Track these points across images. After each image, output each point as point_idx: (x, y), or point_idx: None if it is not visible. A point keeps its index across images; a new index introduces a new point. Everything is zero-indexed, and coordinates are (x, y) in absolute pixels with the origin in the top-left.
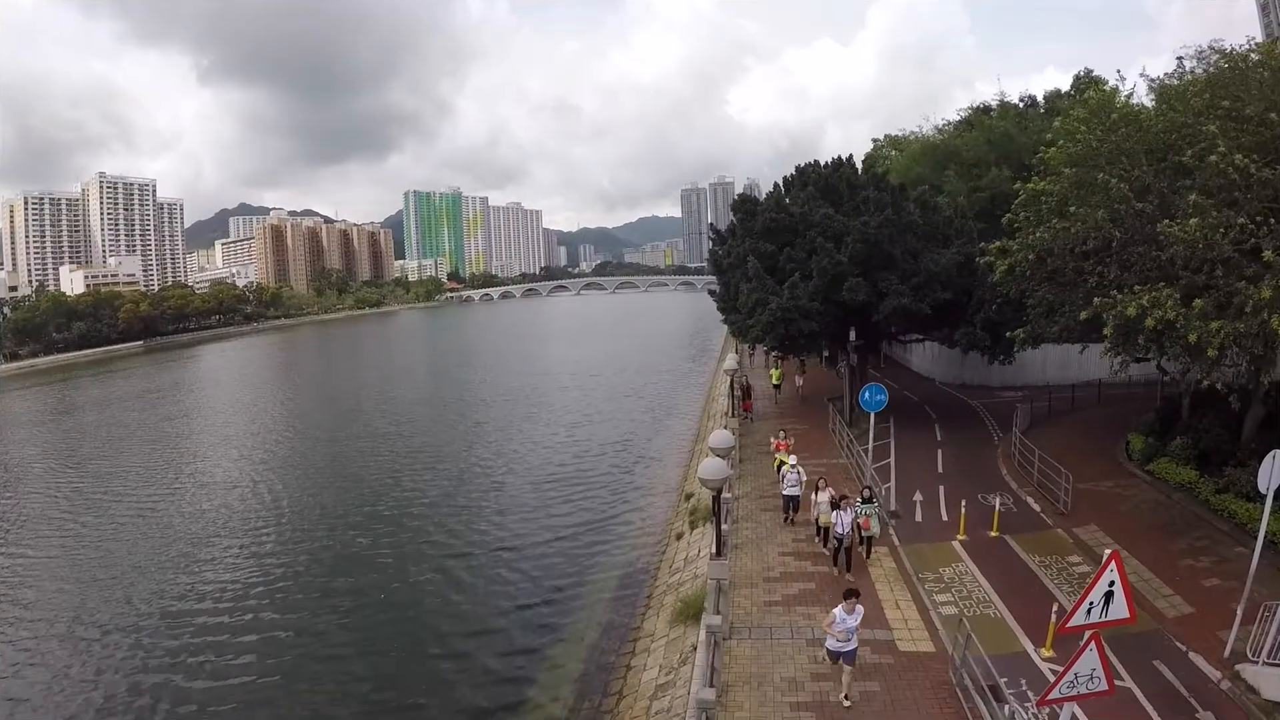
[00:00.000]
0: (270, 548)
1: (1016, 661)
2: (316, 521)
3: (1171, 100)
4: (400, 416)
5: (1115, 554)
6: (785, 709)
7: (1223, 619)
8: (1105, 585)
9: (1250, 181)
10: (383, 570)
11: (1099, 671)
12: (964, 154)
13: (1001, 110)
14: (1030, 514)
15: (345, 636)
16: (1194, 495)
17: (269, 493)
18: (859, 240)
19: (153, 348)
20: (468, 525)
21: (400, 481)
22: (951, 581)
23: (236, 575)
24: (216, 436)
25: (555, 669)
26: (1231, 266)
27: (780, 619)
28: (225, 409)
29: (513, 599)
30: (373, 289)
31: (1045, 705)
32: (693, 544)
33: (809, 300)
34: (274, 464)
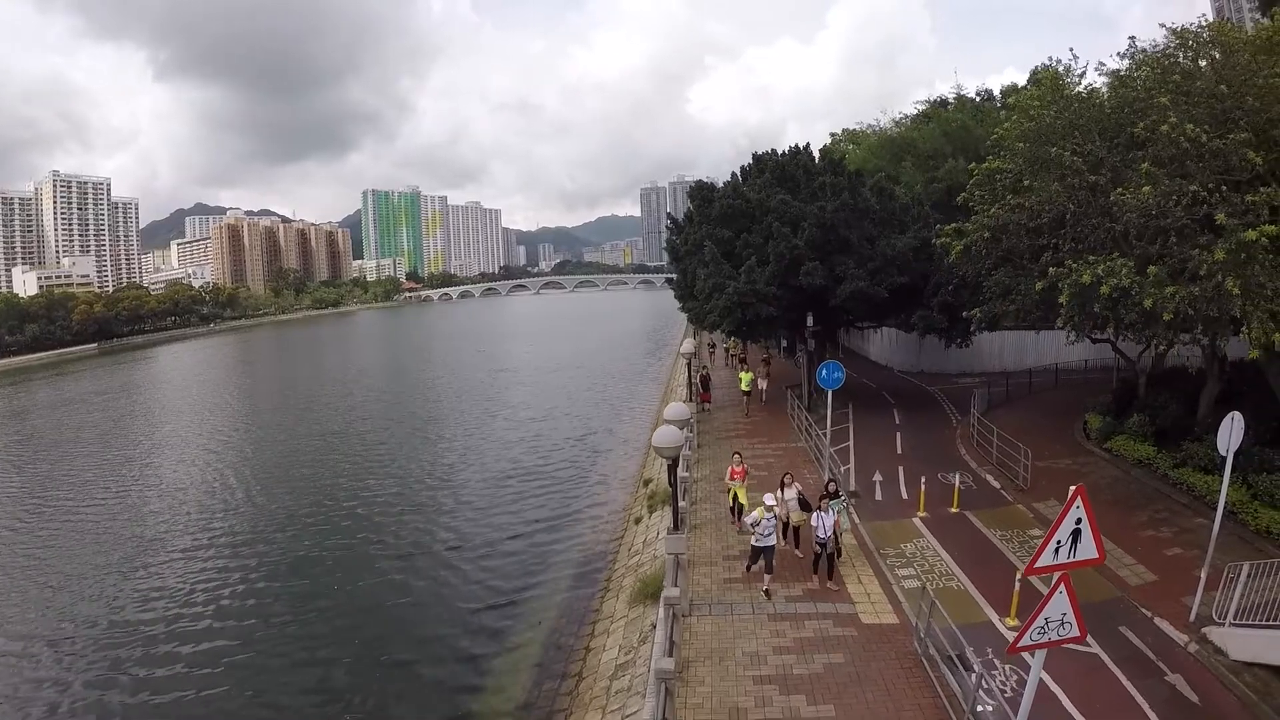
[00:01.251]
0: (220, 550)
1: (981, 631)
2: (270, 522)
3: (1123, 77)
4: (357, 416)
5: (1080, 488)
6: (748, 682)
7: (1186, 586)
8: (1072, 523)
9: (1202, 151)
10: (340, 566)
11: (1070, 616)
12: (921, 146)
13: (958, 104)
14: (990, 491)
15: (300, 630)
16: (1152, 470)
17: (219, 495)
18: (815, 225)
19: (107, 350)
20: (426, 521)
21: (357, 480)
22: (913, 556)
23: (184, 580)
24: (167, 439)
25: (514, 655)
26: (1185, 236)
27: (741, 595)
28: (177, 411)
29: (471, 590)
30: (330, 289)
31: (1015, 653)
32: (651, 527)
33: (766, 285)
34: (225, 466)
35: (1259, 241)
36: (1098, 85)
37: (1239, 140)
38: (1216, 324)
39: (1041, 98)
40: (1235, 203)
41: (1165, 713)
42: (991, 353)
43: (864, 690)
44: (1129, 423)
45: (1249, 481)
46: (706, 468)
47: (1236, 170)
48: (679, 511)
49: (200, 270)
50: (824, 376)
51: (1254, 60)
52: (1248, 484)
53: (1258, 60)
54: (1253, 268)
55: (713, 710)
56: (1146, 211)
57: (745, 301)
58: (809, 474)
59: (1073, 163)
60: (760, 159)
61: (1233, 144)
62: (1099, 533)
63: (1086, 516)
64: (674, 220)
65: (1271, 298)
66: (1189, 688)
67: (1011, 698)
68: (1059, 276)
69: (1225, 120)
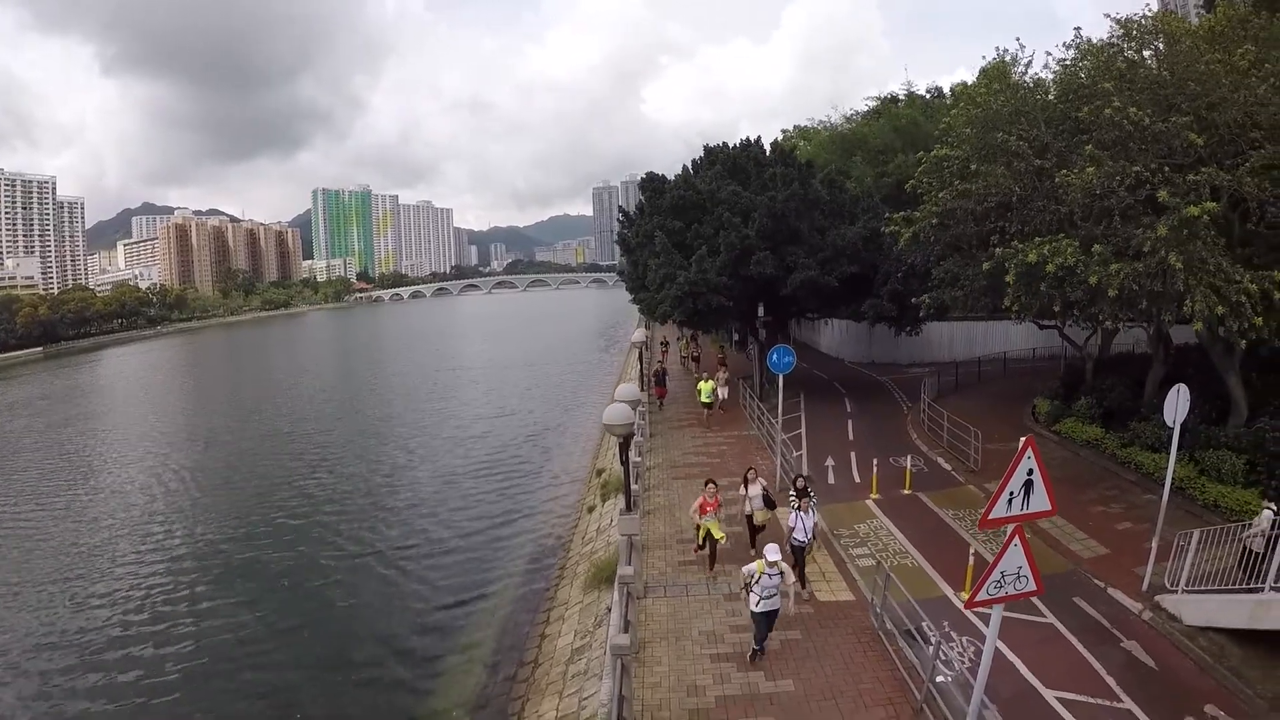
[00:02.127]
0: (164, 557)
1: (937, 605)
2: (217, 527)
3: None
4: (307, 418)
5: (1030, 439)
6: (705, 660)
7: (1137, 558)
8: (1024, 474)
9: (1144, 134)
10: (290, 570)
11: (1025, 570)
12: (871, 141)
13: (909, 100)
14: (941, 472)
15: (251, 635)
16: (1101, 450)
17: (163, 501)
18: (766, 215)
19: (52, 353)
20: (377, 521)
21: (307, 483)
22: (867, 536)
23: (126, 588)
24: (110, 443)
25: (470, 647)
26: (1129, 216)
27: (696, 576)
28: (122, 415)
29: (424, 588)
30: (280, 290)
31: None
32: (605, 515)
33: (717, 275)
34: (170, 471)
35: (1201, 218)
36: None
37: (1180, 123)
38: (1160, 299)
39: (989, 86)
40: (1177, 183)
41: (1123, 678)
42: (941, 343)
43: (822, 665)
44: (1077, 405)
45: (1195, 458)
46: (659, 456)
47: (1178, 154)
48: (632, 493)
49: (147, 271)
50: (774, 361)
51: (1195, 48)
52: (1194, 461)
53: (1199, 48)
54: (1195, 243)
55: (671, 688)
56: (1091, 192)
57: (696, 291)
58: (762, 460)
59: (1019, 148)
60: (711, 151)
61: (1174, 126)
62: (1051, 484)
63: (1038, 467)
64: (625, 213)
65: (1214, 272)
66: (1145, 653)
67: (969, 668)
68: (1005, 257)
69: (1168, 105)
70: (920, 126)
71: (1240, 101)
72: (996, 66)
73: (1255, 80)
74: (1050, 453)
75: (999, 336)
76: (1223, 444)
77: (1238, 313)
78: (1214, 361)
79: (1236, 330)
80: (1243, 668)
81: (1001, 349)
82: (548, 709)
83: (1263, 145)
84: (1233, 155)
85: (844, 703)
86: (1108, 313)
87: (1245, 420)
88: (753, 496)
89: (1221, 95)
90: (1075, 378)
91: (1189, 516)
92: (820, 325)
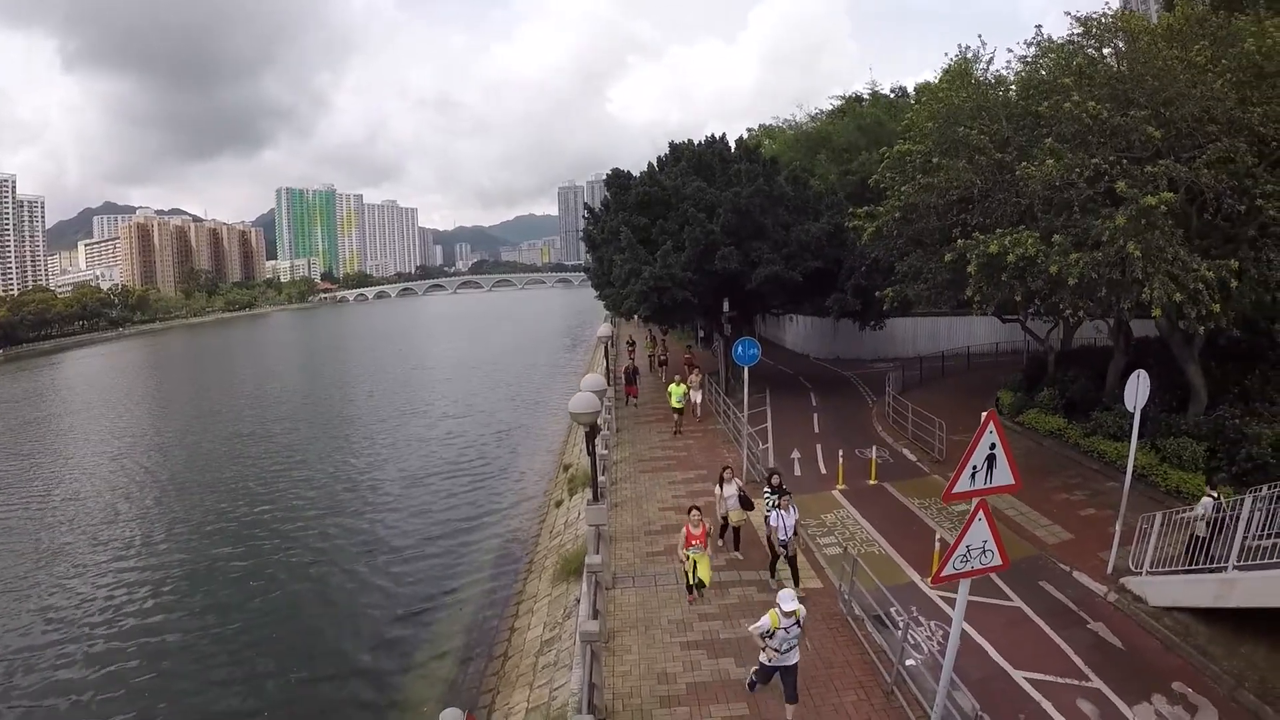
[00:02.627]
0: (125, 563)
1: (905, 591)
2: (179, 531)
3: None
4: (271, 419)
5: (992, 413)
6: (676, 648)
7: (1101, 542)
8: (986, 448)
9: (1103, 127)
10: (256, 572)
11: (991, 544)
12: (836, 140)
13: (873, 99)
14: (906, 463)
15: (216, 638)
16: (1064, 440)
17: (124, 505)
18: (731, 210)
19: (13, 356)
20: (343, 522)
21: (271, 485)
22: (834, 526)
23: (84, 595)
24: (70, 447)
25: (439, 642)
26: (1088, 208)
27: (664, 566)
28: (83, 418)
29: (394, 585)
30: (244, 290)
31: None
32: (572, 509)
33: (682, 270)
34: (130, 475)
35: (1158, 208)
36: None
37: (1139, 117)
38: (1119, 287)
39: (951, 82)
40: (1135, 175)
41: (1090, 658)
42: (905, 338)
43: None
44: (1040, 397)
45: (1157, 446)
46: (626, 450)
47: (1137, 147)
48: (599, 484)
49: (109, 272)
50: (739, 353)
51: (1153, 45)
52: (1156, 448)
53: (1157, 45)
54: (1152, 233)
55: (641, 676)
56: (1051, 185)
57: (661, 286)
58: (728, 454)
59: (980, 142)
60: (677, 148)
61: (1133, 120)
62: (1014, 459)
63: (1000, 441)
64: (591, 210)
65: (1171, 261)
66: (1111, 634)
67: (938, 649)
68: (966, 248)
69: (1126, 101)
70: (884, 125)
71: (1197, 97)
72: (959, 65)
73: (1211, 76)
74: (1014, 443)
75: (962, 331)
76: (1183, 432)
77: (1196, 300)
78: (1174, 352)
79: (1195, 317)
80: (1208, 645)
81: (965, 344)
82: (518, 700)
83: (1219, 139)
84: (1190, 149)
85: (815, 687)
86: (1068, 302)
87: (1205, 408)
88: (728, 496)
89: (1179, 90)
90: (1038, 370)
91: (1151, 503)
92: (786, 322)
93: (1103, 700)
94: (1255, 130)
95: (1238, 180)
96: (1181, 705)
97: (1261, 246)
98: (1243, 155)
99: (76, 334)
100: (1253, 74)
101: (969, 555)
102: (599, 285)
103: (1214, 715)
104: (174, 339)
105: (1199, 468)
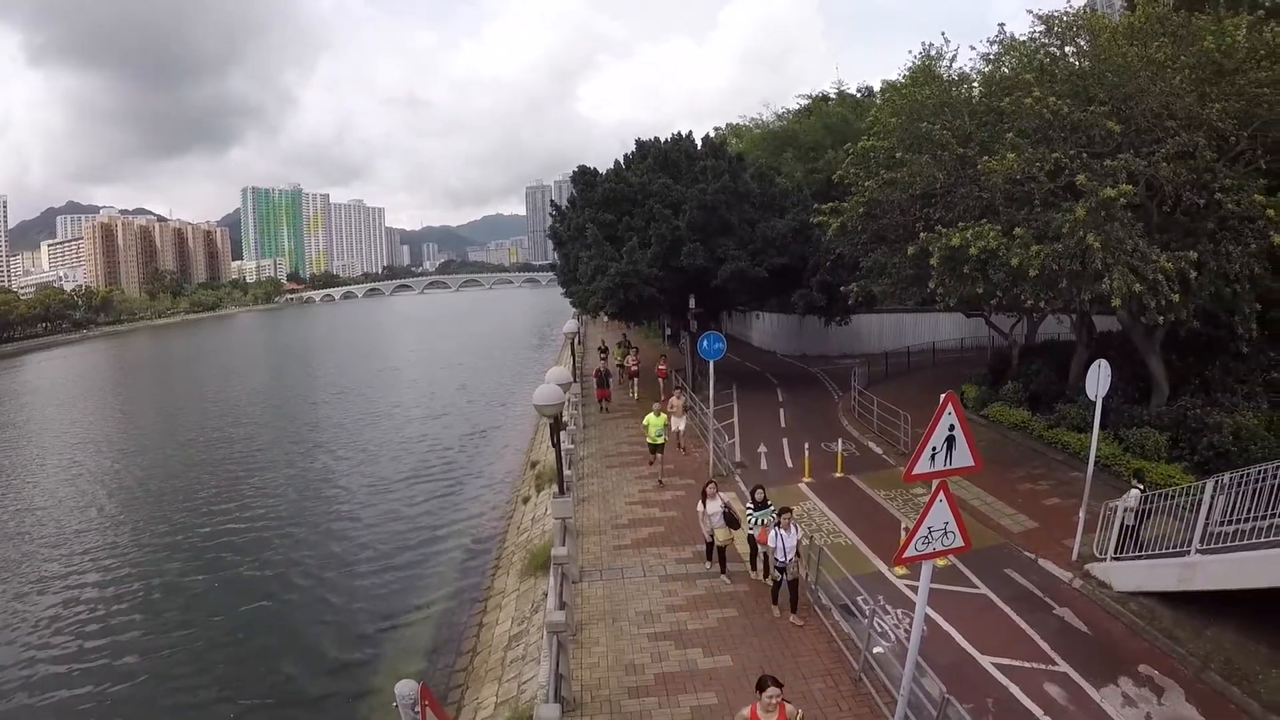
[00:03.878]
0: (82, 575)
1: (871, 580)
2: (141, 537)
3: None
4: (237, 423)
5: (951, 395)
6: (643, 640)
7: (1066, 531)
8: (945, 430)
9: (1064, 122)
10: (220, 577)
11: (952, 525)
12: (802, 139)
13: (839, 98)
14: (873, 456)
15: (181, 638)
16: (1028, 432)
17: (81, 515)
18: (696, 207)
19: None
20: (312, 521)
21: (238, 487)
22: (801, 518)
23: (36, 609)
24: (26, 455)
25: (408, 639)
26: (1049, 202)
27: (631, 559)
28: (40, 423)
29: (362, 583)
30: (209, 291)
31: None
32: (540, 504)
33: (648, 266)
34: (90, 481)
35: (1117, 200)
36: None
37: (1099, 112)
38: (1079, 278)
39: (915, 79)
40: (1095, 168)
41: (1057, 643)
42: (871, 334)
43: (760, 640)
44: (1004, 390)
45: (1120, 436)
46: (593, 445)
47: (1097, 142)
48: (565, 478)
49: (73, 273)
50: (704, 348)
51: (1114, 42)
52: (1119, 439)
53: (1118, 42)
54: (1112, 225)
55: (609, 668)
56: (1012, 178)
57: (627, 283)
58: (695, 449)
59: (943, 137)
60: (643, 145)
61: (1093, 115)
62: (973, 441)
63: (959, 423)
64: (557, 206)
65: (1131, 252)
66: (1077, 619)
67: (906, 636)
68: (929, 241)
69: (1087, 97)
70: (850, 124)
71: (1157, 93)
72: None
73: (1171, 72)
74: (979, 436)
75: (928, 327)
76: (1145, 422)
77: (1155, 290)
78: (1136, 344)
79: (1155, 308)
80: (1174, 629)
81: (930, 339)
82: (487, 695)
83: (1178, 134)
84: (1149, 144)
85: (783, 676)
86: (1030, 294)
87: (1167, 399)
88: (712, 514)
89: (1139, 86)
90: (1002, 364)
91: (1116, 493)
92: (752, 319)
93: (1069, 684)
94: (1214, 126)
95: (1197, 174)
96: (1148, 687)
97: (1220, 239)
98: (1202, 150)
99: (39, 336)
100: (1212, 71)
101: (930, 536)
102: (565, 282)
103: (1181, 696)
104: (139, 341)
105: (1161, 457)
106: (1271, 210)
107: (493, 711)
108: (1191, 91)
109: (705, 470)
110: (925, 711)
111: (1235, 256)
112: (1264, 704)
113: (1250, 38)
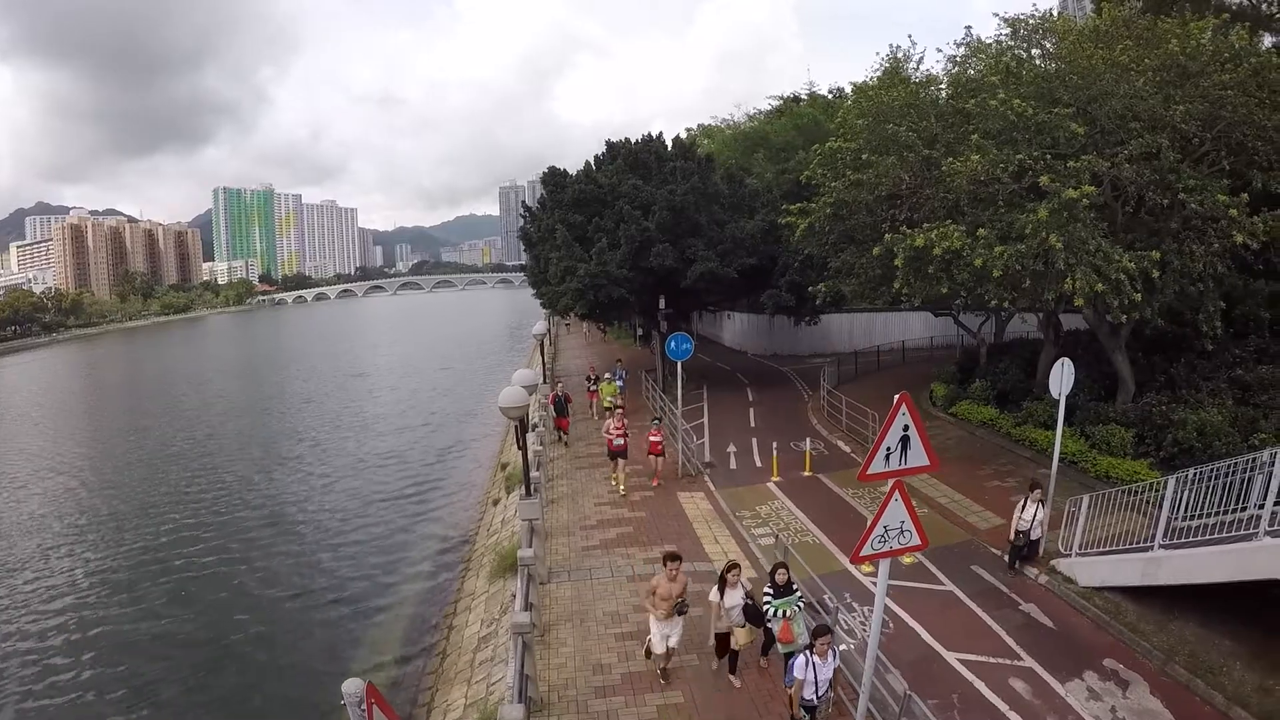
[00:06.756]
0: (49, 579)
1: (838, 578)
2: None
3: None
4: (205, 425)
5: (904, 395)
6: (610, 639)
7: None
8: (899, 430)
9: (1028, 124)
10: (184, 573)
11: (909, 524)
12: (773, 140)
13: (811, 99)
14: (841, 454)
15: (148, 645)
16: (996, 429)
17: (50, 519)
18: (666, 208)
19: None
20: (281, 527)
21: (207, 492)
22: (769, 517)
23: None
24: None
25: (377, 641)
26: (1012, 203)
27: (599, 560)
28: (9, 427)
29: (331, 588)
30: (180, 293)
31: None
32: (509, 506)
33: (618, 267)
34: (56, 487)
35: (1080, 201)
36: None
37: (1063, 114)
38: (1042, 278)
39: (882, 81)
40: (1059, 169)
41: (1022, 638)
42: (841, 334)
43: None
44: (972, 388)
45: (1086, 433)
46: (562, 448)
47: (1061, 143)
48: (532, 479)
49: (42, 275)
50: (672, 349)
51: (1079, 45)
52: (1085, 435)
53: (1083, 45)
54: (1074, 225)
55: (577, 668)
56: (976, 179)
57: (597, 284)
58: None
59: (909, 139)
60: (613, 146)
61: (1057, 117)
62: (928, 440)
63: (913, 423)
64: (528, 208)
65: (1093, 252)
66: (1043, 614)
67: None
68: (893, 242)
69: (1052, 99)
70: (821, 125)
71: (1121, 95)
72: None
73: (1135, 75)
74: (947, 433)
75: (897, 326)
76: (1111, 419)
77: (1118, 290)
78: (1101, 343)
79: (1118, 307)
80: (1138, 622)
81: (900, 338)
82: (456, 696)
83: (1141, 135)
84: (1113, 145)
85: (746, 671)
86: (993, 294)
87: (1133, 396)
88: (731, 607)
89: (1103, 89)
90: (970, 362)
91: (1082, 488)
92: (723, 319)
93: (1035, 678)
94: (1178, 128)
95: (1160, 175)
96: (1113, 681)
97: (1184, 239)
98: (1165, 151)
99: (7, 339)
100: (1176, 74)
101: (887, 535)
102: (536, 283)
103: (1145, 689)
104: (109, 344)
105: (1127, 453)
106: (1234, 210)
107: (462, 713)
108: (1156, 94)
109: (675, 470)
110: (889, 708)
111: (1199, 255)
112: (1228, 696)
113: (1215, 41)
